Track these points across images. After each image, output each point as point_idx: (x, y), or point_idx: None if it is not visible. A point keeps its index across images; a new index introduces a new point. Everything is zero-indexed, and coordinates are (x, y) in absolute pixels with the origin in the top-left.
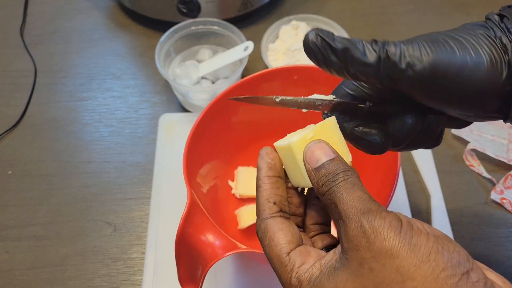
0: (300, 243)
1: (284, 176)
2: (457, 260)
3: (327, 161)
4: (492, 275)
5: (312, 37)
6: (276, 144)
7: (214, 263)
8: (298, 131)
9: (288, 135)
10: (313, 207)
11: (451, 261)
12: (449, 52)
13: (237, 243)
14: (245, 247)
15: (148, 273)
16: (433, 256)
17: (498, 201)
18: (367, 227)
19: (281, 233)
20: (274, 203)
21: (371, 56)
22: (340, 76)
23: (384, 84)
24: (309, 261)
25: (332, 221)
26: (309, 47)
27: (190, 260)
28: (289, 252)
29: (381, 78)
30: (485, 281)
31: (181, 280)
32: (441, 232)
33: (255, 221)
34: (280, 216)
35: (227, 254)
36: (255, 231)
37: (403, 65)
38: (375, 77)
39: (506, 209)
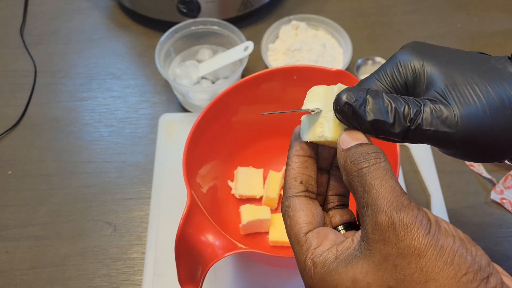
0: (321, 225)
1: (315, 156)
2: (479, 265)
3: (359, 143)
4: (508, 280)
5: (344, 100)
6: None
7: (214, 263)
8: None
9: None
10: (334, 177)
11: (473, 266)
12: (480, 120)
13: (237, 243)
14: (245, 247)
15: (148, 273)
16: (457, 259)
17: (498, 201)
18: (398, 224)
19: (302, 213)
20: (301, 182)
21: (399, 127)
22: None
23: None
24: (325, 243)
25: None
26: (341, 110)
27: (190, 260)
28: (307, 233)
29: (406, 140)
30: (502, 286)
31: (181, 280)
32: (465, 235)
33: (253, 218)
34: (305, 196)
35: (227, 254)
36: (256, 231)
37: (434, 140)
38: (400, 140)
39: (506, 209)
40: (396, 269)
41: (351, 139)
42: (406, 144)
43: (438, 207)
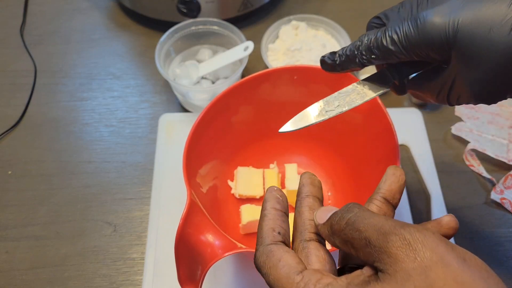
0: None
1: (288, 215)
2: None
3: (333, 212)
4: None
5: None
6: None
7: (214, 263)
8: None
9: None
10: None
11: (502, 285)
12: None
13: (237, 243)
14: (244, 247)
15: (148, 273)
16: (485, 274)
17: (498, 201)
18: (410, 239)
19: (289, 255)
20: (279, 233)
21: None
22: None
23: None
24: (327, 278)
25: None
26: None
27: (190, 260)
28: (301, 271)
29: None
30: None
31: (180, 280)
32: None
33: (253, 218)
34: (285, 244)
35: (227, 254)
36: (256, 231)
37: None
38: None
39: (506, 209)
40: (426, 279)
41: (326, 212)
42: (406, 144)
43: (438, 207)
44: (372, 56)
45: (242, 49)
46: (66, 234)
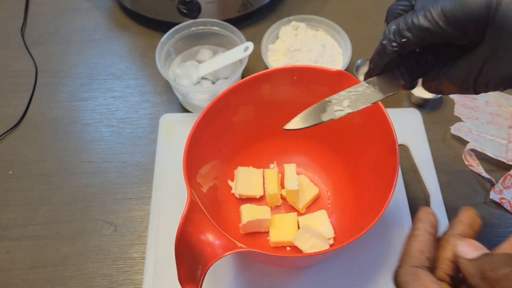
0: None
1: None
2: None
3: (485, 252)
4: None
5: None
6: None
7: (214, 262)
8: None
9: None
10: None
11: None
12: None
13: (237, 242)
14: (244, 246)
15: (149, 272)
16: None
17: (497, 200)
18: None
19: (436, 285)
20: (427, 258)
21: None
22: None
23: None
24: None
25: None
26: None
27: (190, 259)
28: None
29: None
30: None
31: (181, 279)
32: None
33: (253, 218)
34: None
35: (227, 253)
36: (256, 231)
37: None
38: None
39: (505, 209)
40: None
41: (472, 248)
42: (406, 144)
43: (437, 207)
44: (403, 40)
45: (242, 50)
46: (67, 233)
